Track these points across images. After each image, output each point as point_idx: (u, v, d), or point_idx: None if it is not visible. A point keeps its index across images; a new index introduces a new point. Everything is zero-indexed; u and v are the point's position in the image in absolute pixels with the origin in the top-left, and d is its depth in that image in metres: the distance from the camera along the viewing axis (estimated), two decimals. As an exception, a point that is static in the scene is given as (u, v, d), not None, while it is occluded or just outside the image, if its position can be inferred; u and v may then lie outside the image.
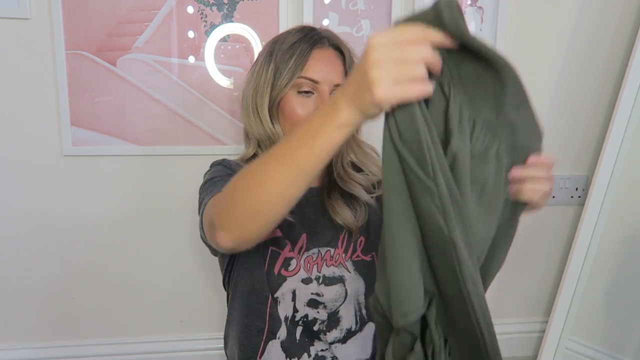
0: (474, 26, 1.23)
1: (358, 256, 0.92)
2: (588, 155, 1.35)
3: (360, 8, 1.18)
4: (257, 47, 1.16)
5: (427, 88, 0.49)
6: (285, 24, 1.15)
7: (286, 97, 0.86)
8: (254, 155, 0.93)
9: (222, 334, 1.00)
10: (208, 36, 1.15)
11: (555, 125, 1.32)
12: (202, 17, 1.14)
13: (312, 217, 0.92)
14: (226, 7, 1.14)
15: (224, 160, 0.92)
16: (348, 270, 0.90)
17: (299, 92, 0.85)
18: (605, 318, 1.24)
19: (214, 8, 1.14)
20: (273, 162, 0.58)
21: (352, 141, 0.95)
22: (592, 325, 1.26)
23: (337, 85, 0.85)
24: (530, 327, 1.43)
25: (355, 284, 0.91)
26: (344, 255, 0.91)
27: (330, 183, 0.93)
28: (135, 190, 1.20)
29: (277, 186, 0.57)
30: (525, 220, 1.46)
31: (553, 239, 1.40)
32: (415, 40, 0.49)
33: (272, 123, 0.88)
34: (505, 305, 1.42)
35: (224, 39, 1.16)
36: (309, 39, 0.86)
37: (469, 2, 1.22)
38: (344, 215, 0.91)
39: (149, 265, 1.24)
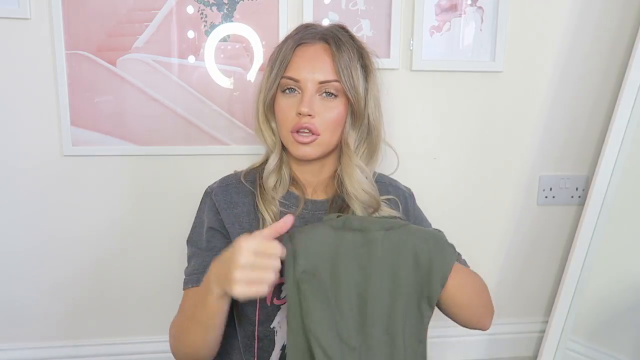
0: (474, 26, 1.23)
1: None
2: (588, 155, 1.35)
3: (360, 8, 1.18)
4: (257, 47, 1.16)
5: (265, 290, 0.65)
6: (285, 23, 1.15)
7: (275, 97, 0.85)
8: (265, 163, 0.90)
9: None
10: (208, 36, 1.15)
11: (555, 125, 1.32)
12: (202, 17, 1.14)
13: None
14: (226, 7, 1.14)
15: (212, 191, 0.90)
16: None
17: (283, 91, 0.84)
18: (605, 318, 1.24)
19: (214, 8, 1.14)
20: (186, 320, 0.82)
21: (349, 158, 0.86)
22: (592, 325, 1.26)
23: (322, 82, 0.81)
24: (530, 327, 1.43)
25: None
26: None
27: (340, 195, 0.88)
28: (135, 190, 1.20)
29: (196, 336, 0.78)
30: (526, 220, 1.46)
31: (553, 239, 1.40)
32: (272, 253, 0.65)
33: (268, 124, 0.88)
34: (505, 305, 1.42)
35: (224, 39, 1.16)
36: (298, 35, 0.84)
37: (469, 2, 1.22)
38: None
39: (149, 265, 1.24)
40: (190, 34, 1.14)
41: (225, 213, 0.87)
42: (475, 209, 1.34)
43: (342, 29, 0.87)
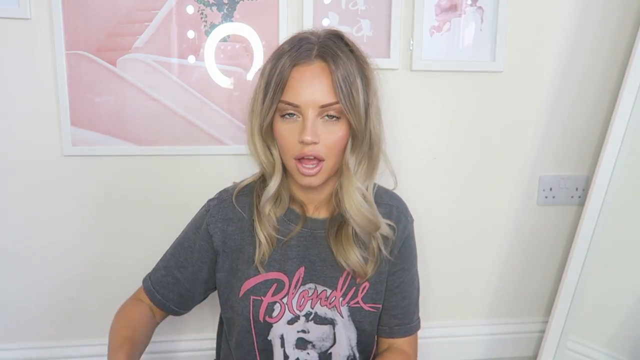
0: (474, 26, 1.23)
1: (357, 303, 0.87)
2: (588, 155, 1.35)
3: (360, 8, 1.18)
4: (257, 47, 1.16)
5: None
6: (285, 23, 1.15)
7: (274, 121, 0.81)
8: (262, 179, 0.89)
9: (222, 334, 1.00)
10: (208, 36, 1.15)
11: (555, 125, 1.32)
12: (202, 17, 1.14)
13: (314, 251, 0.87)
14: (226, 7, 1.14)
15: (209, 210, 0.90)
16: (341, 316, 0.87)
17: (282, 116, 0.79)
18: (605, 318, 1.24)
19: (214, 8, 1.14)
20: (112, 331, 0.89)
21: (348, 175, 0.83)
22: (592, 325, 1.26)
23: (323, 106, 0.77)
24: (530, 327, 1.43)
25: (346, 330, 0.87)
26: (341, 299, 0.86)
27: (342, 214, 0.85)
28: (135, 190, 1.20)
29: None
30: (526, 220, 1.46)
31: (553, 239, 1.40)
32: None
33: (268, 148, 0.84)
34: (505, 305, 1.42)
35: (224, 39, 1.16)
36: (293, 53, 0.79)
37: (469, 2, 1.22)
38: (350, 257, 0.84)
39: (148, 265, 1.24)
40: (190, 34, 1.14)
41: (218, 234, 0.88)
42: (475, 209, 1.34)
43: (338, 37, 0.82)
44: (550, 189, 1.36)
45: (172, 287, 0.92)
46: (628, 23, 1.28)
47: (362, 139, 0.81)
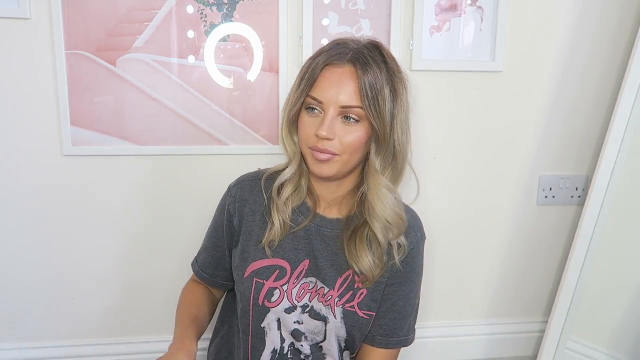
0: (474, 26, 1.23)
1: (352, 307, 0.88)
2: (588, 155, 1.35)
3: (360, 8, 1.18)
4: (257, 47, 1.16)
5: None
6: (285, 24, 1.15)
7: (300, 113, 0.85)
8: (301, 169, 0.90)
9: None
10: (208, 36, 1.15)
11: (555, 125, 1.32)
12: (202, 17, 1.14)
13: (318, 248, 0.89)
14: (226, 7, 1.14)
15: (229, 190, 0.94)
16: (335, 317, 0.87)
17: (307, 109, 0.83)
18: (605, 318, 1.24)
19: (214, 8, 1.14)
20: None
21: (373, 182, 0.85)
22: (592, 325, 1.26)
23: (345, 107, 0.80)
24: (530, 327, 1.43)
25: (337, 330, 0.89)
26: (337, 299, 0.87)
27: (360, 215, 0.87)
28: (135, 190, 1.20)
29: None
30: (526, 220, 1.46)
31: (553, 239, 1.40)
32: None
33: (291, 137, 0.88)
34: (505, 305, 1.42)
35: (224, 39, 1.16)
36: (329, 54, 0.82)
37: (469, 2, 1.22)
38: (362, 261, 0.85)
39: (149, 265, 1.24)
40: (190, 34, 1.14)
41: (237, 214, 0.91)
42: (475, 209, 1.34)
43: (376, 47, 0.85)
44: (550, 189, 1.36)
45: (215, 265, 0.98)
46: (628, 23, 1.28)
47: (385, 146, 0.84)
